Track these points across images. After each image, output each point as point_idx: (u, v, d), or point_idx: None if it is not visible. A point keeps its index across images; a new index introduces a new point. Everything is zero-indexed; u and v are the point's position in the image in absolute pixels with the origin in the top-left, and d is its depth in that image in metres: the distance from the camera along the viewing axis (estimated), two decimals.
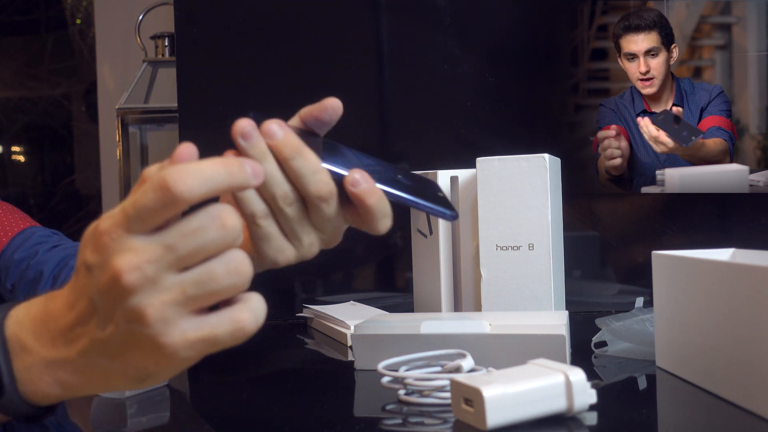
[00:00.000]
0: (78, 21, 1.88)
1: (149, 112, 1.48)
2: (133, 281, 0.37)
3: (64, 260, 0.78)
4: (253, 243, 0.47)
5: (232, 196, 0.45)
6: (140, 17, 1.54)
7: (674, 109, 0.95)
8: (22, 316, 0.42)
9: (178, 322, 0.38)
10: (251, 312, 0.39)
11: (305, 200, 0.46)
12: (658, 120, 0.94)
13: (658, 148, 0.94)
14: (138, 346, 0.39)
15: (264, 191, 0.45)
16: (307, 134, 0.49)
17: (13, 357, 0.41)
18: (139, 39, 1.55)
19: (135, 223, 0.38)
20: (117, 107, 1.47)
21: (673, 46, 0.95)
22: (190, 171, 0.38)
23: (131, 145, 1.52)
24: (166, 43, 1.52)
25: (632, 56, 0.96)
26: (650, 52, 0.95)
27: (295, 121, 0.51)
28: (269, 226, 0.46)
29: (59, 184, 1.96)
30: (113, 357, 0.40)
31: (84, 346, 0.40)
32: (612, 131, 0.96)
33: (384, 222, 0.47)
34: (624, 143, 0.96)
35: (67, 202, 1.95)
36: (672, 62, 0.95)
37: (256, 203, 0.45)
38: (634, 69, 0.96)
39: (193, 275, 0.38)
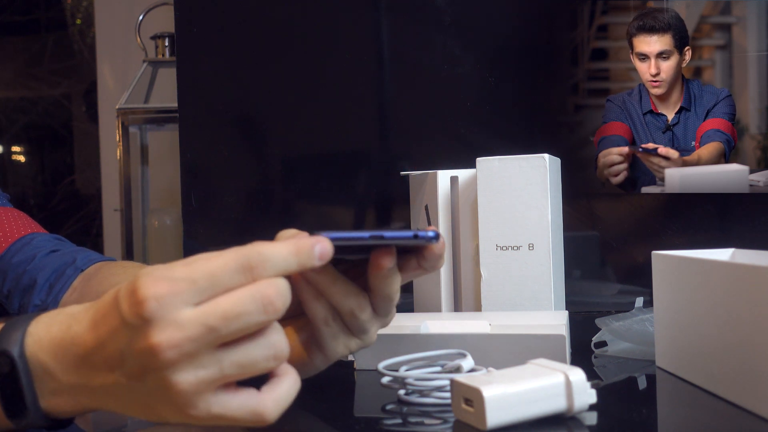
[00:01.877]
0: (78, 21, 1.88)
1: (149, 112, 1.48)
2: (170, 357, 0.37)
3: (61, 268, 0.77)
4: (320, 341, 0.48)
5: (308, 295, 0.47)
6: (140, 17, 1.54)
7: (649, 144, 0.95)
8: (42, 334, 0.42)
9: (207, 396, 0.38)
10: (275, 402, 0.40)
11: (377, 299, 0.48)
12: (644, 149, 0.95)
13: (658, 175, 0.95)
14: (165, 403, 0.39)
15: (338, 304, 0.47)
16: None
17: (35, 379, 0.41)
18: (139, 39, 1.55)
19: (200, 294, 0.38)
20: (117, 107, 1.47)
21: (686, 48, 0.94)
22: (272, 255, 0.39)
23: (131, 145, 1.52)
24: (166, 43, 1.52)
25: (644, 56, 0.95)
26: (662, 55, 0.95)
27: None
28: (337, 326, 0.48)
29: (59, 184, 1.96)
30: (137, 401, 0.40)
31: (108, 383, 0.40)
32: (625, 151, 0.95)
33: (441, 263, 0.50)
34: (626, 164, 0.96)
35: (67, 202, 1.95)
36: (684, 65, 0.95)
37: (327, 310, 0.47)
38: (644, 69, 0.95)
39: (233, 357, 0.39)
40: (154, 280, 0.37)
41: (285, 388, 0.41)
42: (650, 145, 0.95)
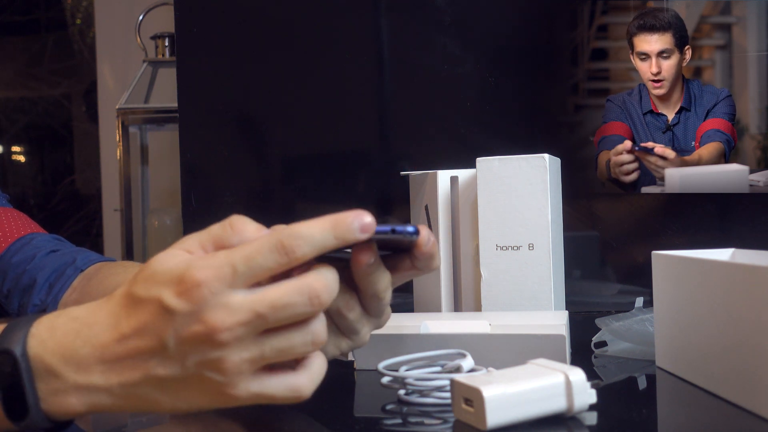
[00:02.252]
0: (78, 21, 1.88)
1: (149, 112, 1.48)
2: (224, 339, 0.39)
3: (61, 268, 0.77)
4: None
5: None
6: (140, 17, 1.54)
7: (648, 144, 0.95)
8: (46, 336, 0.42)
9: (248, 376, 0.40)
10: (310, 379, 0.42)
11: (365, 299, 0.48)
12: (644, 148, 0.95)
13: (658, 175, 0.94)
14: (201, 388, 0.40)
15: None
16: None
17: (37, 379, 0.41)
18: (139, 39, 1.55)
19: (242, 279, 0.39)
20: (117, 107, 1.47)
21: (686, 47, 0.94)
22: (307, 234, 0.40)
23: (131, 145, 1.52)
24: (166, 43, 1.52)
25: (645, 56, 0.95)
26: (663, 54, 0.95)
27: None
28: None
29: (59, 184, 1.96)
30: (166, 392, 0.41)
31: (133, 379, 0.40)
32: (627, 146, 0.95)
33: (436, 263, 0.49)
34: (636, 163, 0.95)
35: (67, 202, 1.95)
36: (684, 64, 0.95)
37: None
38: (645, 68, 0.95)
39: (275, 342, 0.40)
40: (200, 268, 0.39)
41: (317, 366, 0.42)
42: (649, 144, 0.95)
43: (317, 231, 0.40)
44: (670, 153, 0.93)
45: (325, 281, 0.40)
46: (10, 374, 0.41)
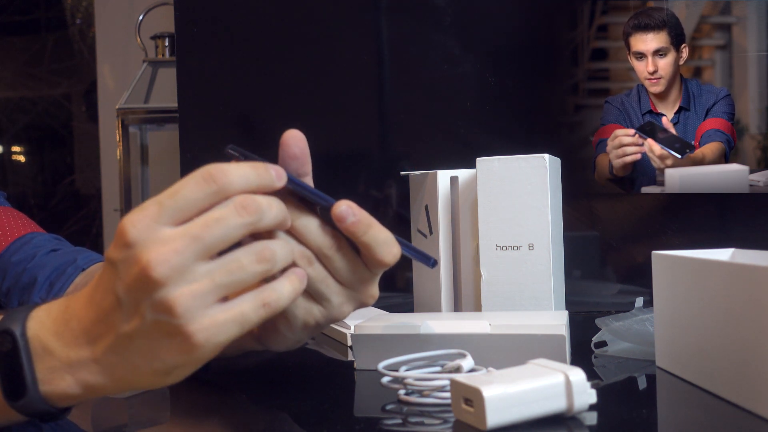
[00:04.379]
0: (77, 20, 1.88)
1: (149, 112, 1.48)
2: (162, 273, 0.38)
3: (62, 267, 0.77)
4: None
5: None
6: (140, 17, 1.54)
7: (663, 119, 0.95)
8: (44, 317, 0.43)
9: (206, 311, 0.39)
10: (275, 291, 0.41)
11: (321, 258, 0.47)
12: (660, 138, 0.94)
13: (662, 165, 0.94)
14: (165, 338, 0.39)
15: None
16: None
17: (35, 359, 0.41)
18: (139, 39, 1.55)
19: (169, 213, 0.39)
20: (117, 107, 1.47)
21: (682, 46, 0.94)
22: (230, 167, 0.41)
23: (131, 145, 1.52)
24: (166, 43, 1.52)
25: (641, 55, 0.95)
26: (659, 52, 0.95)
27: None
28: None
29: (59, 184, 1.96)
30: (139, 351, 0.40)
31: (109, 343, 0.40)
32: (631, 131, 0.95)
33: (385, 250, 0.47)
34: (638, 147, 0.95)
35: (67, 202, 1.95)
36: (681, 62, 0.95)
37: None
38: (642, 68, 0.95)
39: (220, 264, 0.39)
40: (129, 213, 0.40)
41: (284, 281, 0.42)
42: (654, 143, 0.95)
43: (241, 166, 0.42)
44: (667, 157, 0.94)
45: (250, 196, 0.41)
46: (9, 354, 0.41)
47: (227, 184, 0.40)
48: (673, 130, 0.94)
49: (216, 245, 0.39)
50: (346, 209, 0.46)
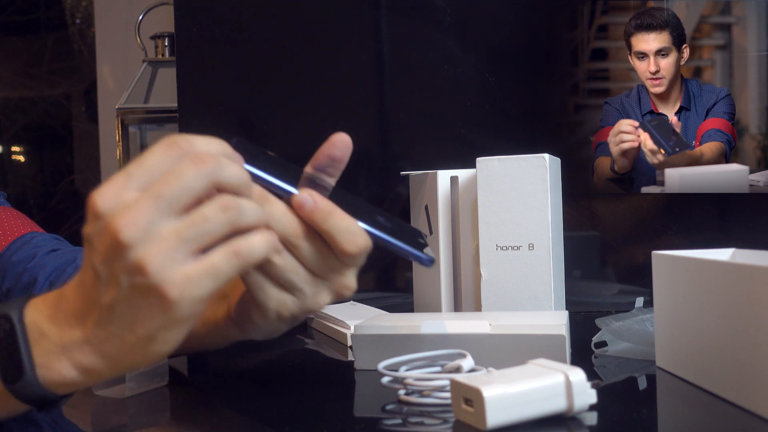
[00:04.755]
0: (77, 20, 1.88)
1: (149, 112, 1.48)
2: (130, 235, 0.39)
3: (61, 266, 0.77)
4: (251, 292, 0.48)
5: None
6: (140, 17, 1.54)
7: (673, 119, 0.95)
8: (40, 303, 0.44)
9: (178, 267, 0.39)
10: (246, 241, 0.41)
11: (289, 246, 0.47)
12: (651, 124, 0.94)
13: (654, 160, 0.94)
14: (142, 300, 0.40)
15: None
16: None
17: (32, 343, 0.42)
18: (139, 39, 1.55)
19: (135, 180, 0.40)
20: (117, 107, 1.47)
21: (684, 46, 0.94)
22: (196, 136, 0.42)
23: (131, 145, 1.52)
24: (166, 43, 1.52)
25: (642, 55, 0.95)
26: (661, 52, 0.95)
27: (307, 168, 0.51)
28: (259, 273, 0.47)
29: (59, 184, 1.96)
30: (121, 321, 0.41)
31: (95, 319, 0.41)
32: (636, 123, 0.95)
33: (347, 238, 0.46)
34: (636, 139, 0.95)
35: (67, 202, 1.95)
36: (682, 62, 0.95)
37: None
38: (643, 68, 0.95)
39: (185, 220, 0.40)
40: (96, 189, 0.40)
41: (256, 234, 0.42)
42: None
43: (207, 138, 0.42)
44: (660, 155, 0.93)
45: (207, 148, 0.42)
46: (7, 338, 0.42)
47: (192, 149, 0.41)
48: (678, 129, 0.94)
49: (178, 200, 0.40)
50: (306, 197, 0.46)
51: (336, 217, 0.46)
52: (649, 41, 0.95)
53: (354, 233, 0.47)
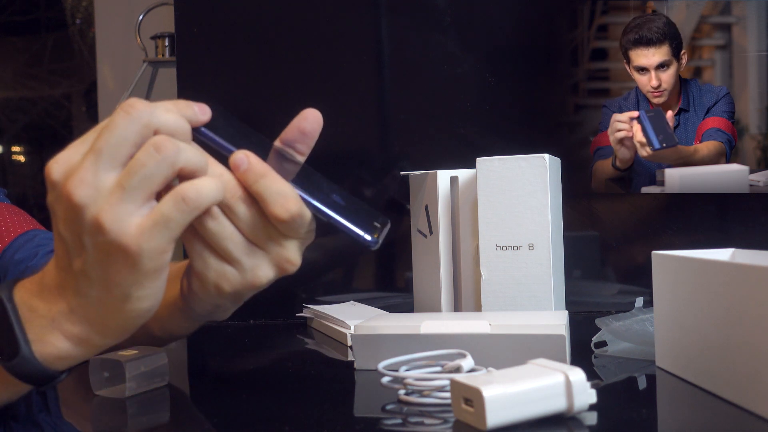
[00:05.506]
0: (77, 20, 1.88)
1: None
2: (81, 195, 0.40)
3: None
4: (192, 265, 0.47)
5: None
6: (140, 17, 1.54)
7: (669, 113, 0.94)
8: (27, 282, 0.45)
9: (131, 219, 0.40)
10: (192, 185, 0.41)
11: (224, 210, 0.45)
12: (647, 115, 0.93)
13: (642, 152, 0.94)
14: (108, 259, 0.41)
15: None
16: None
17: (24, 321, 0.43)
18: (139, 39, 1.55)
19: (84, 145, 0.42)
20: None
21: (682, 52, 0.94)
22: (148, 102, 0.42)
23: None
24: (167, 43, 1.52)
25: (643, 69, 0.95)
26: (661, 66, 0.94)
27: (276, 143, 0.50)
28: (198, 242, 0.46)
29: None
30: (96, 284, 0.42)
31: (73, 287, 0.42)
32: (635, 113, 0.94)
33: (278, 201, 0.44)
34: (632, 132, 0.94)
35: None
36: (682, 68, 0.95)
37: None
38: (645, 81, 0.95)
39: (125, 170, 0.41)
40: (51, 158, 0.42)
41: (203, 179, 0.42)
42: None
43: (160, 104, 0.43)
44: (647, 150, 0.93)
45: (140, 100, 0.42)
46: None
47: (142, 110, 0.41)
48: (671, 123, 0.94)
49: (116, 150, 0.40)
50: (241, 157, 0.45)
51: (269, 179, 0.45)
52: (649, 56, 0.94)
53: (285, 196, 0.45)
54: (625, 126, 0.94)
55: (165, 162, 0.41)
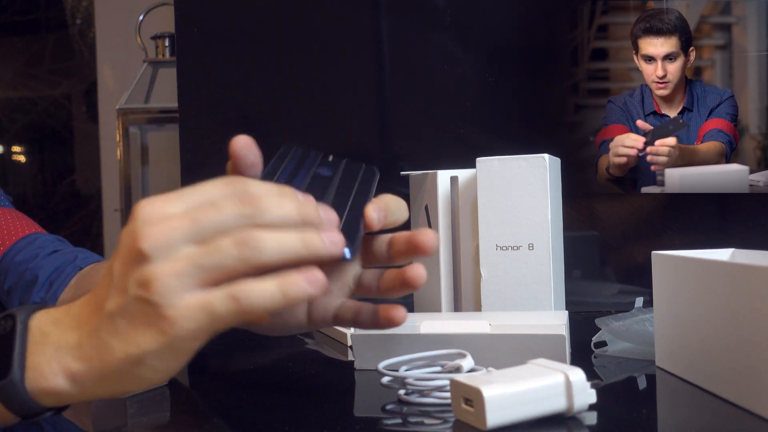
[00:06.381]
0: (77, 20, 1.88)
1: (149, 113, 1.48)
2: (149, 246, 0.38)
3: (61, 267, 0.77)
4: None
5: None
6: (140, 17, 1.54)
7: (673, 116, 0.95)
8: (52, 309, 0.43)
9: (182, 293, 0.38)
10: (248, 286, 0.39)
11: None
12: (667, 126, 0.94)
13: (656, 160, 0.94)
14: (141, 316, 0.39)
15: None
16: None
17: (30, 345, 0.42)
18: (139, 39, 1.55)
19: (182, 200, 0.40)
20: (117, 107, 1.47)
21: (690, 49, 0.94)
22: (257, 182, 0.41)
23: (131, 145, 1.52)
24: (167, 43, 1.52)
25: (650, 58, 0.95)
26: (669, 57, 0.94)
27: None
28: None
29: (59, 184, 1.96)
30: (117, 333, 0.40)
31: (94, 324, 0.41)
32: (640, 145, 0.95)
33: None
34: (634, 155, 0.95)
35: (67, 202, 1.95)
36: (689, 65, 0.95)
37: None
38: (650, 71, 0.95)
39: (204, 248, 0.39)
40: (146, 199, 0.40)
41: (265, 284, 0.39)
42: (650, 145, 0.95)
43: (270, 186, 0.42)
44: (668, 143, 0.93)
45: (253, 183, 0.41)
46: (5, 335, 0.42)
47: (244, 190, 0.40)
48: (677, 128, 0.94)
49: (209, 231, 0.39)
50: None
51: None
52: (658, 46, 0.94)
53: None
54: (627, 152, 0.94)
55: (241, 259, 0.39)
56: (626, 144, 0.95)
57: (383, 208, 0.48)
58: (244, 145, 0.47)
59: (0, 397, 0.41)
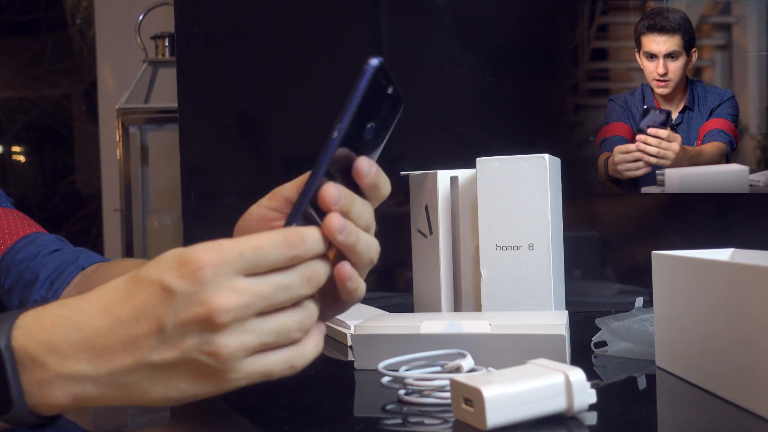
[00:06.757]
0: (77, 20, 1.88)
1: (149, 112, 1.48)
2: (225, 321, 0.39)
3: (62, 266, 0.77)
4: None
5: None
6: (140, 17, 1.55)
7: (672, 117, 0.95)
8: (32, 325, 0.41)
9: (245, 360, 0.40)
10: (302, 355, 0.43)
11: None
12: (657, 115, 0.94)
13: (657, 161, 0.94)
14: (194, 375, 0.40)
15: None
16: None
17: (21, 371, 0.40)
18: (139, 39, 1.55)
19: (247, 265, 0.40)
20: (117, 107, 1.47)
21: (693, 50, 0.94)
22: (308, 233, 0.42)
23: (131, 145, 1.52)
24: (167, 43, 1.52)
25: (652, 56, 0.95)
26: (671, 55, 0.94)
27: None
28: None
29: (59, 184, 1.96)
30: (159, 380, 0.40)
31: (124, 366, 0.39)
32: (632, 149, 0.95)
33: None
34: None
35: (67, 202, 1.95)
36: (690, 65, 0.95)
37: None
38: (651, 68, 0.95)
39: (271, 324, 0.41)
40: (205, 250, 0.39)
41: (312, 343, 0.43)
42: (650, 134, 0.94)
43: (318, 236, 0.43)
44: (662, 133, 0.93)
45: (320, 265, 0.43)
46: None
47: (303, 248, 0.41)
48: (664, 117, 0.94)
49: (277, 307, 0.41)
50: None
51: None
52: (660, 43, 0.94)
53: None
54: (624, 159, 0.94)
55: (306, 327, 0.42)
56: (621, 151, 0.95)
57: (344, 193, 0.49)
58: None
59: (8, 423, 0.41)
